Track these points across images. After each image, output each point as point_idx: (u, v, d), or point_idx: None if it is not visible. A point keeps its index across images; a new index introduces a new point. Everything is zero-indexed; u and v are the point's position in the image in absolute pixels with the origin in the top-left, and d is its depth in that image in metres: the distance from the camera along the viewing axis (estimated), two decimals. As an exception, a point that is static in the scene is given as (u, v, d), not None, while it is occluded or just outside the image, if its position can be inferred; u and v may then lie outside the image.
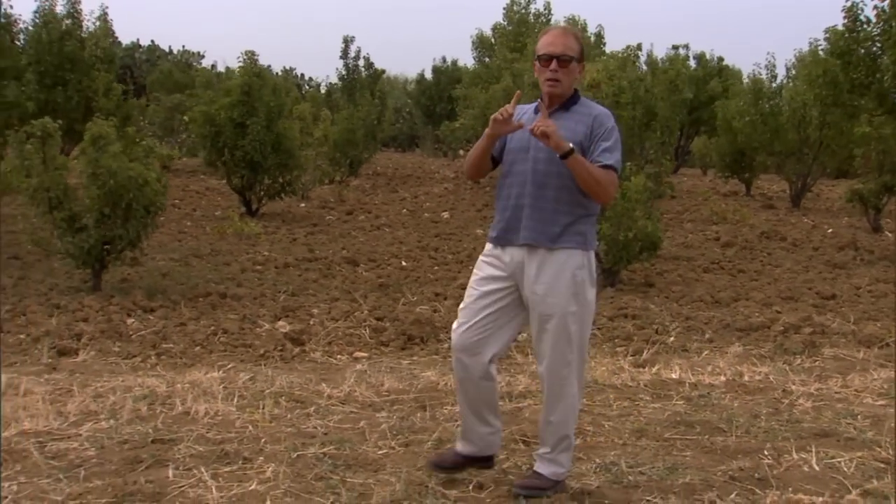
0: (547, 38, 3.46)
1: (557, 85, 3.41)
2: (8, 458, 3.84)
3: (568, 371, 3.46)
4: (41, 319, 6.64)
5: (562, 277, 3.36)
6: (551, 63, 3.38)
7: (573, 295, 3.38)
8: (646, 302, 8.02)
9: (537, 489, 3.51)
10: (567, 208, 3.39)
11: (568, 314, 3.37)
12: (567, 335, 3.40)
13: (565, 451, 3.56)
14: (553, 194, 3.38)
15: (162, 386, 5.03)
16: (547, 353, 3.44)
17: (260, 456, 3.96)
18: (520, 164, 3.45)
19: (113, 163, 7.14)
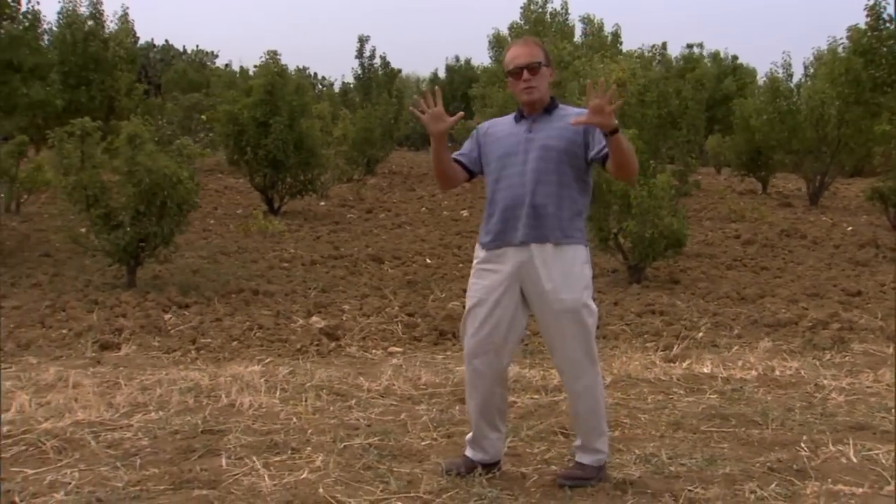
0: (511, 53, 3.57)
1: (535, 91, 3.50)
2: (67, 447, 3.97)
3: (589, 361, 3.53)
4: (81, 315, 6.78)
5: (572, 272, 3.45)
6: (523, 73, 3.49)
7: (584, 288, 3.48)
8: (672, 298, 8.09)
9: (581, 479, 3.59)
10: (567, 204, 3.48)
11: (582, 307, 3.45)
12: (584, 327, 3.48)
13: (600, 436, 3.63)
14: (554, 191, 3.46)
15: (205, 379, 5.15)
16: (566, 347, 3.50)
17: (307, 446, 4.06)
18: (511, 168, 3.51)
19: (149, 161, 7.28)
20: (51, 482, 3.56)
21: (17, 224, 13.27)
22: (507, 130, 3.59)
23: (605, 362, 5.86)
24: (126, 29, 20.03)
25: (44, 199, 15.82)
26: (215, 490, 3.53)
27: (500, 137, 3.60)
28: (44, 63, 10.74)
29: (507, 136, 3.57)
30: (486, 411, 3.68)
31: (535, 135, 3.51)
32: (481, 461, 3.73)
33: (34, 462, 3.80)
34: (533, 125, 3.54)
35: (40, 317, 6.77)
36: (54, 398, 4.68)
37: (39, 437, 4.04)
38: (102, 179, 7.58)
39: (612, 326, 7.02)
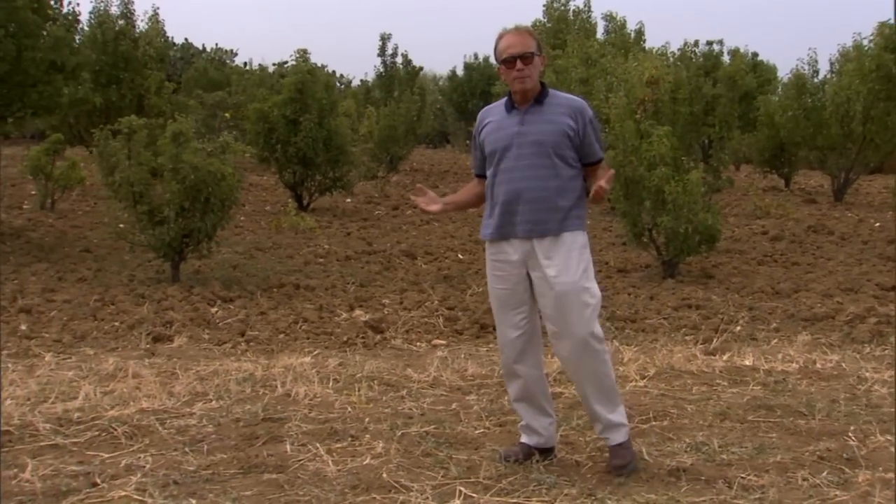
0: (505, 42, 3.62)
1: (527, 80, 3.57)
2: (137, 433, 4.13)
3: (595, 341, 3.59)
4: (130, 308, 6.96)
5: (571, 257, 3.54)
6: (516, 63, 3.55)
7: (584, 272, 3.56)
8: (707, 293, 8.16)
9: (628, 462, 3.65)
10: (564, 194, 3.57)
11: (582, 290, 3.54)
12: (586, 309, 3.55)
13: (616, 409, 3.68)
14: (552, 183, 3.55)
15: (259, 370, 5.29)
16: (571, 329, 3.55)
17: (366, 434, 4.19)
18: (507, 162, 3.60)
19: (194, 158, 7.44)
20: (126, 465, 3.71)
21: (53, 221, 13.49)
22: (499, 123, 3.66)
23: (647, 355, 5.96)
24: (156, 28, 20.24)
25: (75, 196, 16.05)
26: (283, 474, 3.66)
27: (494, 131, 3.67)
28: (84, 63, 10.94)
29: (500, 129, 3.64)
30: (532, 399, 3.80)
31: (527, 128, 3.58)
32: (537, 445, 3.83)
33: (107, 447, 3.96)
34: (525, 118, 3.60)
35: (91, 310, 6.95)
36: (117, 387, 4.84)
37: (110, 423, 4.19)
38: (147, 176, 7.74)
39: (650, 320, 7.10)
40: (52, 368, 5.25)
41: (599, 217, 15.71)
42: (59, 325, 6.50)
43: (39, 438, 4.00)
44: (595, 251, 11.34)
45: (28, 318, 6.65)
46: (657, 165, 8.33)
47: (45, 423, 4.17)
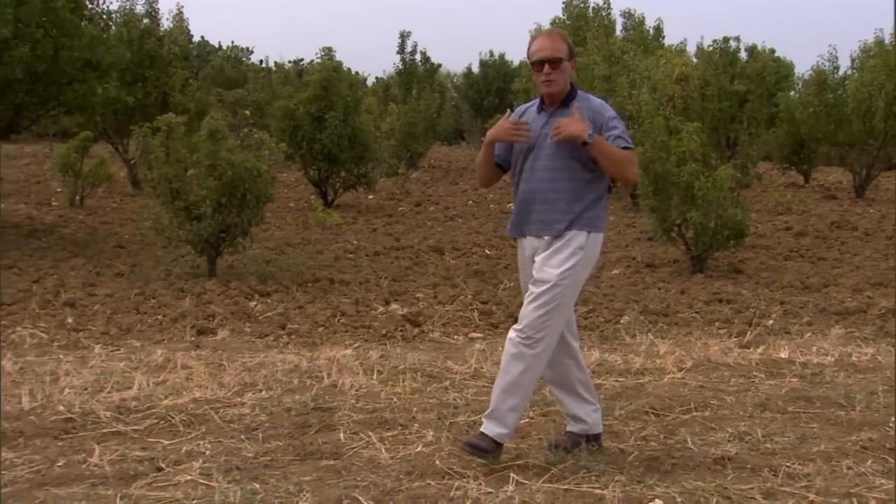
0: (536, 44, 3.70)
1: (553, 84, 3.65)
2: (193, 421, 4.25)
3: (539, 337, 3.58)
4: (171, 302, 7.10)
5: (561, 251, 3.60)
6: (544, 67, 3.63)
7: (566, 269, 3.58)
8: (737, 287, 8.23)
9: (479, 449, 3.63)
10: (579, 196, 3.64)
11: (556, 285, 3.56)
12: (549, 304, 3.57)
13: (511, 411, 3.66)
14: (565, 185, 3.63)
15: (303, 362, 5.41)
16: (527, 314, 3.57)
17: (414, 423, 4.30)
18: (528, 162, 3.70)
19: (231, 155, 7.58)
20: (187, 451, 3.83)
21: (83, 217, 13.70)
22: (530, 123, 3.72)
23: (682, 348, 6.04)
24: (180, 27, 20.43)
25: (100, 193, 16.26)
26: (339, 461, 3.77)
27: None
28: (118, 62, 11.11)
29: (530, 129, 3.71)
30: (566, 386, 3.87)
31: (549, 131, 3.64)
32: (582, 432, 3.89)
33: (167, 434, 4.09)
34: (550, 119, 3.68)
35: (133, 304, 7.10)
36: (169, 378, 4.97)
37: (167, 411, 4.32)
38: (184, 173, 7.88)
39: (682, 314, 7.18)
40: (104, 360, 5.39)
41: (622, 213, 15.77)
42: (103, 318, 6.65)
43: (101, 426, 4.13)
44: (621, 247, 11.51)
45: (73, 312, 6.80)
46: (687, 161, 8.39)
47: (106, 411, 4.30)
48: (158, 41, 19.41)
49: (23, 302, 7.12)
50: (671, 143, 8.57)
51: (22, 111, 10.18)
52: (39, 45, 9.21)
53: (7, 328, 6.25)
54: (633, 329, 6.61)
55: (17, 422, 4.12)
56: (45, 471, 3.57)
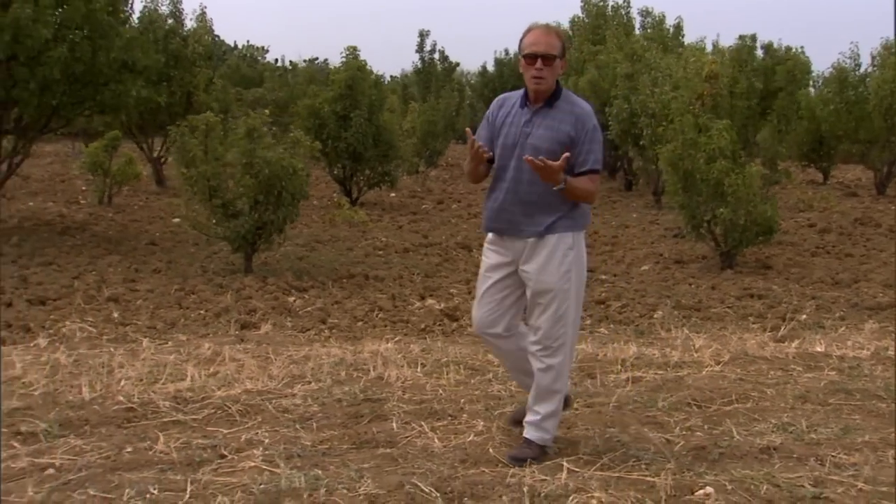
0: (531, 38, 3.62)
1: (542, 82, 3.59)
2: (249, 411, 4.37)
3: (557, 346, 3.68)
4: (211, 297, 7.25)
5: (553, 257, 3.61)
6: (536, 62, 3.57)
7: (565, 273, 3.62)
8: (767, 283, 8.29)
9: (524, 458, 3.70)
10: (560, 200, 3.61)
11: (560, 291, 3.61)
12: (559, 312, 3.63)
13: (551, 417, 3.77)
14: (542, 188, 3.58)
15: (348, 355, 5.53)
16: (541, 328, 3.66)
17: (463, 413, 4.40)
18: (508, 160, 3.67)
19: (268, 153, 7.71)
20: (247, 440, 3.95)
21: (113, 215, 13.89)
22: (512, 118, 3.69)
23: (718, 342, 6.11)
24: (204, 27, 20.63)
25: (126, 192, 16.46)
26: (395, 449, 3.89)
27: (505, 124, 3.71)
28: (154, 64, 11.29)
29: (511, 125, 3.68)
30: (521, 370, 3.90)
31: (530, 130, 3.63)
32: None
33: (224, 423, 4.21)
34: (533, 118, 3.65)
35: (175, 299, 7.25)
36: (219, 370, 5.10)
37: (223, 402, 4.45)
38: (221, 170, 8.03)
39: (715, 309, 7.25)
40: (153, 353, 5.52)
41: (644, 211, 15.83)
42: (147, 313, 6.80)
43: (161, 415, 4.26)
44: (647, 244, 11.58)
45: (118, 307, 6.96)
46: (716, 158, 8.45)
47: (164, 401, 4.43)
48: (183, 41, 19.63)
49: (67, 297, 7.28)
50: (700, 141, 8.63)
51: (59, 111, 10.38)
52: (78, 46, 9.40)
53: (56, 322, 6.41)
54: (668, 323, 6.70)
55: (82, 411, 4.26)
56: (115, 457, 3.70)
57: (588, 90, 19.59)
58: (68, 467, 3.54)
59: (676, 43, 23.50)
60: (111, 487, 3.34)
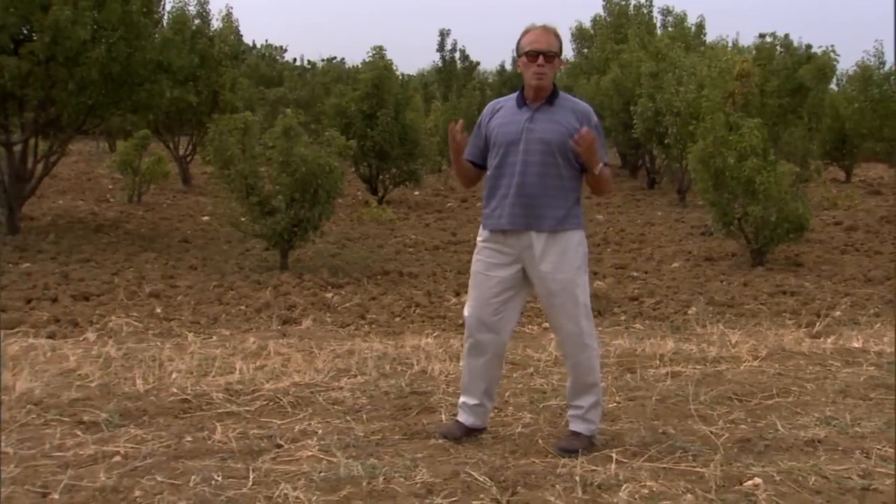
0: (531, 36, 3.70)
1: (544, 77, 3.66)
2: (300, 403, 4.48)
3: (585, 335, 3.75)
4: (250, 293, 7.38)
5: (567, 255, 3.68)
6: (538, 58, 3.64)
7: (577, 269, 3.72)
8: (799, 280, 8.33)
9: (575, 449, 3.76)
10: (565, 193, 3.70)
11: (576, 286, 3.70)
12: (577, 305, 3.71)
13: (594, 407, 3.84)
14: (553, 182, 3.67)
15: (390, 349, 5.64)
16: (563, 324, 3.75)
17: (509, 406, 4.49)
18: (512, 157, 3.69)
19: (305, 151, 7.83)
20: (301, 430, 4.05)
21: (143, 213, 14.09)
22: (510, 117, 3.74)
23: (754, 337, 6.16)
24: (230, 27, 20.80)
25: (153, 190, 16.68)
26: (445, 440, 3.97)
27: (502, 124, 3.75)
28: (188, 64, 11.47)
29: (510, 123, 3.73)
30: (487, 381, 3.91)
31: (535, 126, 3.68)
32: (473, 425, 3.95)
33: (277, 414, 4.31)
34: (535, 115, 3.70)
35: (215, 295, 7.39)
36: (266, 363, 5.21)
37: (275, 394, 4.56)
38: (258, 169, 8.16)
39: (749, 306, 7.30)
40: (199, 347, 5.65)
41: (669, 209, 15.84)
42: (188, 308, 6.94)
43: (215, 406, 4.37)
44: (675, 241, 11.61)
45: (159, 303, 7.10)
46: (748, 156, 8.49)
47: (217, 392, 4.54)
48: (209, 41, 19.81)
49: (109, 293, 7.44)
50: (731, 139, 8.67)
51: (95, 110, 10.56)
52: (114, 47, 9.57)
53: (102, 317, 6.56)
54: (703, 319, 6.75)
55: (139, 402, 4.38)
56: (175, 445, 3.81)
57: (612, 89, 19.63)
58: (133, 455, 3.66)
59: (698, 42, 23.47)
60: (177, 474, 3.45)
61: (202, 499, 3.19)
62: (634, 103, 17.24)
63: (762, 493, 3.41)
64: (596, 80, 21.09)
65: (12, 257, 9.23)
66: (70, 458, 3.61)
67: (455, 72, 33.20)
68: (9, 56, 9.17)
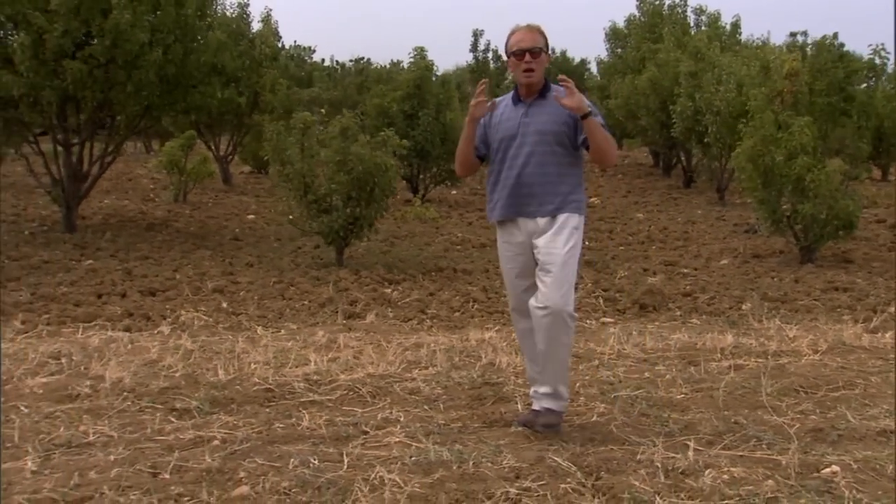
0: (517, 37, 3.88)
1: (533, 74, 3.83)
2: (378, 392, 4.64)
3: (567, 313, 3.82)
4: (311, 289, 7.56)
5: (561, 233, 3.83)
6: (525, 56, 3.81)
7: (570, 248, 3.83)
8: (850, 276, 8.36)
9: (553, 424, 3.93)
10: (565, 179, 3.86)
11: (565, 264, 3.81)
12: (565, 282, 3.81)
13: (563, 383, 3.94)
14: (552, 170, 3.84)
15: (455, 342, 5.78)
16: (549, 296, 3.79)
17: (580, 397, 4.61)
18: (512, 150, 3.88)
19: (361, 151, 8.01)
20: (383, 418, 4.21)
21: (190, 212, 14.36)
22: (507, 114, 3.92)
23: (811, 332, 6.22)
24: (270, 28, 21.09)
25: (195, 190, 16.95)
26: (525, 428, 4.11)
27: (501, 121, 3.94)
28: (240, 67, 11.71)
29: (508, 119, 3.91)
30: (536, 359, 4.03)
31: (531, 119, 3.86)
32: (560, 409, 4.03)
33: (358, 403, 4.47)
34: (529, 109, 3.88)
35: (277, 291, 7.58)
36: (339, 356, 5.38)
37: (353, 384, 4.72)
38: (315, 168, 8.35)
39: (802, 301, 7.35)
40: (271, 340, 5.83)
41: (708, 207, 15.84)
42: (253, 304, 7.13)
43: (298, 395, 4.54)
44: (719, 239, 11.65)
45: (224, 298, 7.31)
46: (797, 155, 8.53)
47: (298, 382, 4.72)
48: (250, 42, 20.10)
49: (174, 289, 7.66)
50: (781, 138, 8.72)
51: (150, 112, 10.84)
52: (171, 49, 9.83)
53: (171, 311, 6.77)
54: (758, 315, 6.83)
55: (225, 391, 4.56)
56: (266, 431, 3.98)
57: (648, 88, 19.63)
58: (230, 440, 3.83)
59: (733, 41, 23.36)
60: (275, 457, 3.62)
61: (303, 480, 3.35)
62: (673, 102, 17.25)
63: (841, 481, 3.51)
64: (630, 79, 21.09)
65: (74, 254, 9.51)
66: (172, 442, 3.80)
67: (489, 71, 33.31)
68: (71, 60, 9.44)
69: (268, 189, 18.01)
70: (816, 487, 3.37)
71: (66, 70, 9.35)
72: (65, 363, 5.04)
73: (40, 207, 13.55)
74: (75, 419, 4.06)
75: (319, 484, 3.31)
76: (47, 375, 4.81)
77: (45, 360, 5.10)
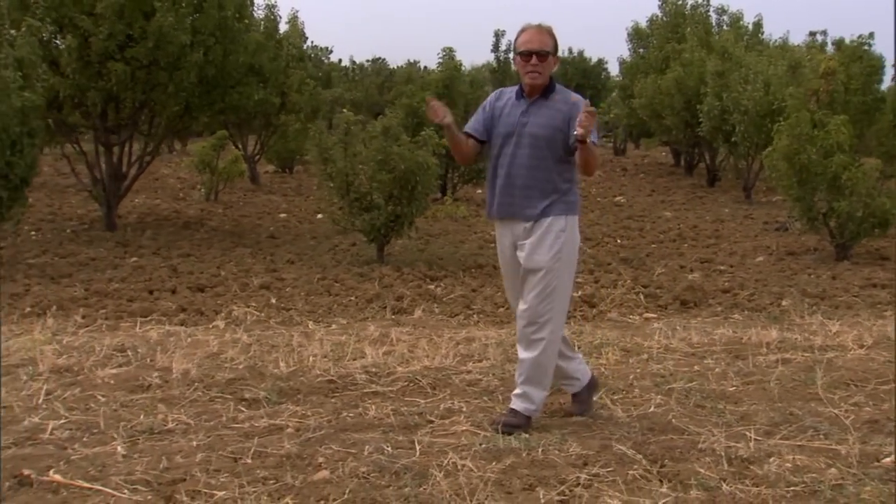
0: (525, 37, 3.91)
1: (538, 77, 3.87)
2: (437, 384, 4.76)
3: (544, 321, 3.88)
4: (356, 285, 7.71)
5: (546, 238, 3.85)
6: (532, 58, 3.84)
7: (555, 253, 3.85)
8: (888, 273, 8.41)
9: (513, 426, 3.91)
10: (555, 184, 3.88)
11: (549, 270, 3.84)
12: (547, 289, 3.86)
13: (538, 390, 3.97)
14: (541, 175, 3.86)
15: (504, 336, 5.89)
16: (529, 303, 3.88)
17: (635, 388, 4.72)
18: (508, 148, 3.91)
19: (403, 150, 8.16)
20: (446, 408, 4.33)
21: (223, 211, 14.55)
22: (510, 109, 3.95)
23: (854, 328, 6.30)
24: (296, 29, 21.30)
25: (224, 189, 17.13)
26: (583, 417, 4.22)
27: (502, 115, 3.96)
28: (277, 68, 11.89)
29: (509, 115, 3.94)
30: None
31: (528, 120, 3.89)
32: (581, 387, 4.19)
33: (419, 394, 4.60)
34: (529, 108, 3.91)
35: (323, 287, 7.73)
36: (393, 349, 5.51)
37: (413, 376, 4.85)
38: (357, 167, 8.50)
39: (842, 298, 7.42)
40: (324, 334, 5.97)
41: (735, 206, 15.86)
42: (300, 299, 7.28)
43: (360, 387, 4.67)
44: (750, 237, 11.70)
45: (272, 294, 7.46)
46: (833, 153, 8.60)
47: (359, 374, 4.85)
48: (278, 43, 20.29)
49: (221, 285, 7.82)
50: (817, 136, 8.79)
51: (190, 112, 11.04)
52: (211, 51, 10.02)
53: (223, 307, 6.93)
54: (800, 310, 6.90)
55: (290, 382, 4.70)
56: (336, 420, 4.11)
57: (673, 88, 19.67)
58: (303, 428, 3.97)
59: (755, 41, 23.34)
60: (349, 444, 3.75)
61: (380, 465, 3.48)
62: (699, 102, 17.29)
63: (903, 469, 3.60)
64: (654, 78, 21.13)
65: (118, 252, 9.71)
66: (248, 430, 3.94)
67: (510, 72, 33.40)
68: (115, 62, 9.64)
69: (294, 188, 18.21)
70: (879, 476, 3.46)
71: (111, 71, 9.56)
72: (131, 355, 5.20)
73: (75, 207, 13.81)
74: (151, 408, 4.21)
75: (396, 469, 3.44)
76: (116, 367, 4.97)
77: (112, 353, 5.27)
